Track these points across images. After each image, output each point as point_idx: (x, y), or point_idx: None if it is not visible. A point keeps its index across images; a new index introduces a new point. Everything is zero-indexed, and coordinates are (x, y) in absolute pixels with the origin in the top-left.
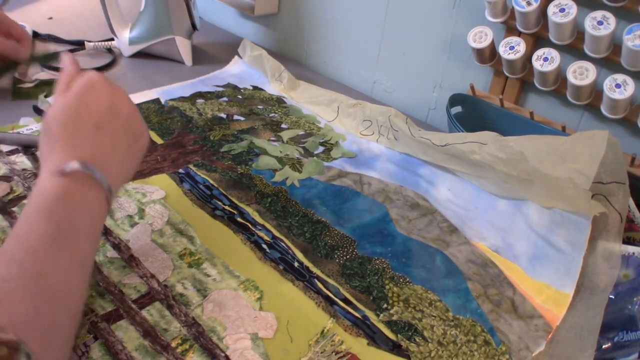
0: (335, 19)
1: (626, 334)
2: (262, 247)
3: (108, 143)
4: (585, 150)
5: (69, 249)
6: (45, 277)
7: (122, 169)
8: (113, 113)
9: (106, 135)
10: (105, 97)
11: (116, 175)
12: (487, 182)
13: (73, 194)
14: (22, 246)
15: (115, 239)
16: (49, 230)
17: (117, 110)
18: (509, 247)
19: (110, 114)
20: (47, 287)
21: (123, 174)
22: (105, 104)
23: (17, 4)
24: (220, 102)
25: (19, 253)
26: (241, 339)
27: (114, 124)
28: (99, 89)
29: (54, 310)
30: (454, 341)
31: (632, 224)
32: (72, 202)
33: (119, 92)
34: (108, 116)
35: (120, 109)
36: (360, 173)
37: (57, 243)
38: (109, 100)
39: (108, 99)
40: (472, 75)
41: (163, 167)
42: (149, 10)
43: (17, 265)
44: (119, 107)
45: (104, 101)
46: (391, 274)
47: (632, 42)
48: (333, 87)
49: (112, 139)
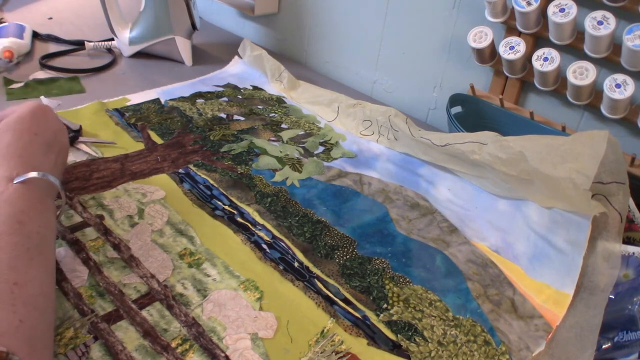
0: (335, 19)
1: (626, 334)
2: (262, 247)
3: (52, 161)
4: (585, 150)
5: (39, 258)
6: (23, 287)
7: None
8: (56, 138)
9: (52, 155)
10: (54, 124)
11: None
12: (487, 182)
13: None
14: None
15: (115, 239)
16: (21, 241)
17: (60, 137)
18: (509, 247)
19: (55, 138)
20: (26, 297)
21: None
22: (53, 130)
23: (17, 4)
24: (220, 102)
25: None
26: (241, 339)
27: (57, 147)
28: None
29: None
30: (454, 341)
31: (632, 224)
32: (38, 212)
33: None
34: (54, 140)
35: (62, 137)
36: (360, 173)
37: (30, 254)
38: (56, 127)
39: (56, 125)
40: (472, 75)
41: (163, 167)
42: (149, 10)
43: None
44: (61, 135)
45: (53, 127)
46: (391, 274)
47: (632, 42)
48: (333, 87)
49: (55, 159)
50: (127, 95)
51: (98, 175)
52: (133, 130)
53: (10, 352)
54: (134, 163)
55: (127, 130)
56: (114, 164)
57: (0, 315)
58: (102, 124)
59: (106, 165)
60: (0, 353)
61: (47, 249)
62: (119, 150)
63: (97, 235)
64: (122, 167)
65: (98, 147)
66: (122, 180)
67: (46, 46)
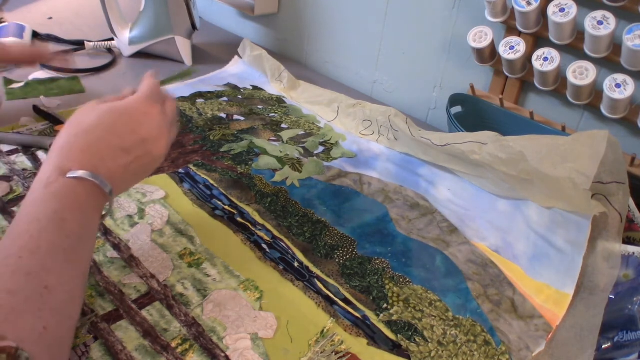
0: (335, 19)
1: (626, 334)
2: (262, 247)
3: (123, 165)
4: (585, 150)
5: (75, 262)
6: (53, 291)
7: (121, 189)
8: (144, 145)
9: (126, 159)
10: (151, 130)
11: (116, 192)
12: (487, 182)
13: (86, 205)
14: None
15: (115, 239)
16: (59, 241)
17: (148, 145)
18: (509, 247)
19: (142, 145)
20: (54, 302)
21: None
22: (143, 135)
23: (17, 4)
24: (220, 102)
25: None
26: (241, 339)
27: (138, 152)
28: (151, 120)
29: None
30: (454, 341)
31: (632, 224)
32: (83, 214)
33: (163, 131)
34: (138, 146)
35: (152, 146)
36: (360, 173)
37: (66, 255)
38: (148, 132)
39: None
40: (472, 75)
41: (163, 167)
42: (149, 10)
43: (24, 277)
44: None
45: (145, 133)
46: (391, 274)
47: (632, 42)
48: (333, 87)
49: (130, 163)
50: None
51: None
52: None
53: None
54: None
55: None
56: None
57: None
58: None
59: None
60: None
61: (84, 253)
62: None
63: (97, 235)
64: None
65: None
66: None
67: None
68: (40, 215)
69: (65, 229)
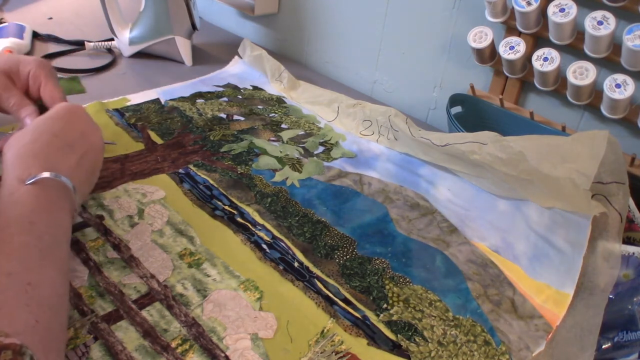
0: (335, 19)
1: (626, 334)
2: (262, 247)
3: (74, 162)
4: (585, 150)
5: (52, 259)
6: (37, 287)
7: (84, 187)
8: (83, 138)
9: (74, 155)
10: (79, 124)
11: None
12: (487, 182)
13: (52, 207)
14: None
15: (115, 239)
16: (33, 242)
17: (87, 137)
18: (509, 247)
19: (81, 138)
20: (40, 298)
21: (83, 191)
22: (78, 130)
23: (17, 4)
24: (220, 102)
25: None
26: (241, 339)
27: (81, 147)
28: (75, 117)
29: (51, 319)
30: (454, 341)
31: (632, 224)
32: (51, 214)
33: (94, 125)
34: (79, 140)
35: (90, 138)
36: (360, 173)
37: (42, 254)
38: (81, 127)
39: (81, 125)
40: (472, 75)
41: (163, 167)
42: (149, 10)
43: (5, 277)
44: (88, 135)
45: (77, 127)
46: (391, 274)
47: (632, 42)
48: (333, 87)
49: (77, 159)
50: (127, 95)
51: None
52: (133, 131)
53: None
54: (134, 163)
55: (127, 131)
56: (114, 164)
57: (17, 314)
58: (102, 124)
59: (106, 166)
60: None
61: (60, 250)
62: (119, 151)
63: (97, 235)
64: (122, 167)
65: None
66: (122, 181)
67: (46, 46)
68: (9, 222)
69: (35, 231)
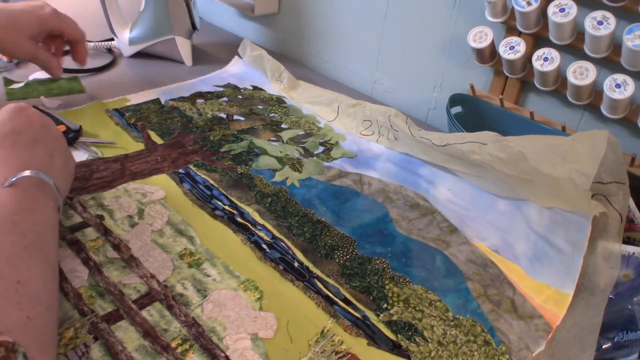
0: (335, 19)
1: (626, 334)
2: (262, 247)
3: (45, 154)
4: (585, 150)
5: (39, 256)
6: (26, 285)
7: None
8: (45, 131)
9: (42, 148)
10: (37, 118)
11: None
12: (487, 182)
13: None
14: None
15: (115, 239)
16: (18, 241)
17: (48, 129)
18: (509, 247)
19: (43, 131)
20: (31, 294)
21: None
22: (38, 123)
23: None
24: (220, 102)
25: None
26: (241, 339)
27: (47, 139)
28: (29, 112)
29: (42, 315)
30: (454, 341)
31: (632, 224)
32: (33, 213)
33: (46, 117)
34: (42, 133)
35: (51, 129)
36: (360, 173)
37: (28, 252)
38: (40, 120)
39: (39, 119)
40: (472, 75)
41: (163, 167)
42: (149, 10)
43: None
44: (49, 127)
45: (36, 121)
46: (391, 274)
47: (632, 42)
48: (333, 87)
49: (48, 151)
50: (127, 95)
51: (98, 175)
52: (133, 131)
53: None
54: (134, 163)
55: (127, 131)
56: (114, 164)
57: (8, 312)
58: (102, 124)
59: (106, 166)
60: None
61: (47, 246)
62: (119, 151)
63: (97, 235)
64: (122, 167)
65: (98, 147)
66: (122, 181)
67: None
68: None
69: (19, 230)
